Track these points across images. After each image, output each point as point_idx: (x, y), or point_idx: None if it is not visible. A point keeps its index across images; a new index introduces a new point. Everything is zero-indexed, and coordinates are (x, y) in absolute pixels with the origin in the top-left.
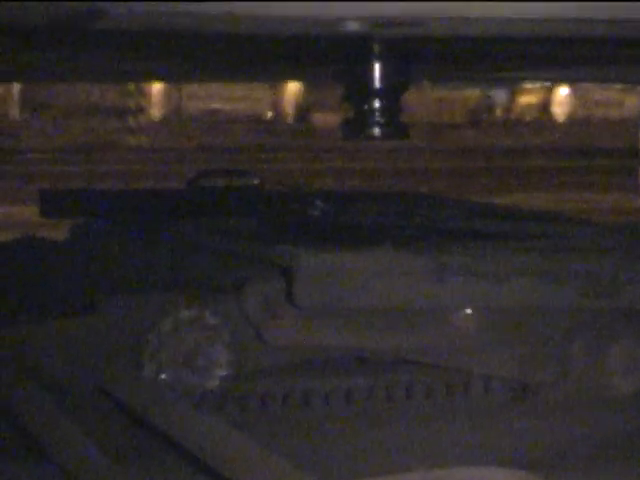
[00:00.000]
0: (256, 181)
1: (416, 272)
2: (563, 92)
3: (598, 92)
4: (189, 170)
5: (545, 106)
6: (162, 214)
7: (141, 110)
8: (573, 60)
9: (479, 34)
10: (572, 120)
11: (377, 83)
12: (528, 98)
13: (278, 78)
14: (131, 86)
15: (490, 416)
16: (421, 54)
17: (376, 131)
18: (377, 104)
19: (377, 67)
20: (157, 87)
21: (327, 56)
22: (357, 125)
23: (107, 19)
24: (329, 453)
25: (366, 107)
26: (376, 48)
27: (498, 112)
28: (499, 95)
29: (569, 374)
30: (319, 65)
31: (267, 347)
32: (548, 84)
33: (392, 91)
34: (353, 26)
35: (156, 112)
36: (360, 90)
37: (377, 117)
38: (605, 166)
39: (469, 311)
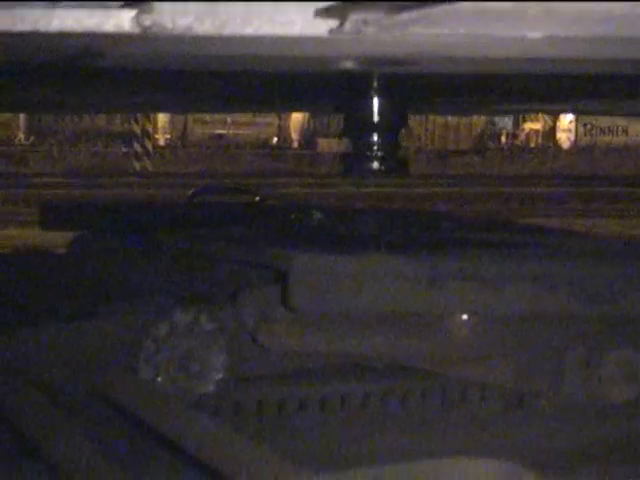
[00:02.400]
0: (257, 198)
1: (410, 276)
2: (568, 119)
3: (602, 119)
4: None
5: (550, 133)
6: (161, 227)
7: (147, 135)
8: (575, 94)
9: (478, 71)
10: (577, 147)
11: (376, 118)
12: (533, 125)
13: (281, 110)
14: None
15: (484, 424)
16: (420, 90)
17: (375, 166)
18: (376, 139)
19: (376, 102)
20: (163, 113)
21: (327, 92)
22: (357, 160)
23: (106, 59)
24: (324, 459)
25: (365, 142)
26: (375, 84)
27: (503, 139)
28: (503, 122)
29: (564, 383)
30: (320, 100)
31: (263, 353)
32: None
33: (391, 126)
34: (349, 65)
35: (161, 137)
36: (359, 125)
37: (376, 152)
38: (609, 192)
39: (464, 317)
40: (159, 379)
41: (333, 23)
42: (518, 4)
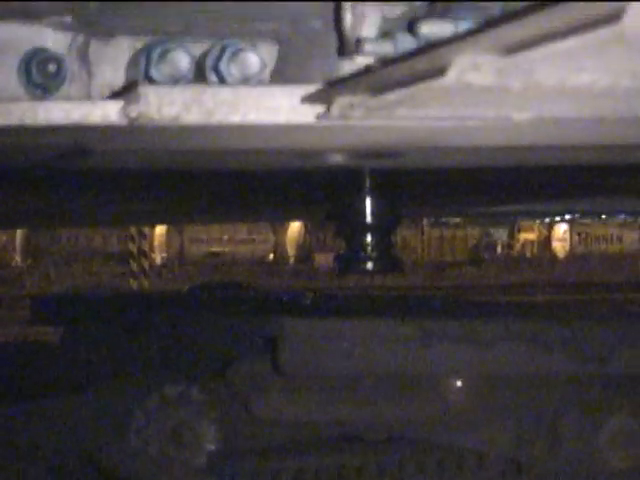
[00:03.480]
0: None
1: (401, 338)
2: (562, 228)
3: (597, 228)
4: None
5: (545, 242)
6: (154, 312)
7: (144, 254)
8: (570, 191)
9: (467, 164)
10: (573, 255)
11: (368, 218)
12: (528, 235)
13: (274, 218)
14: (133, 230)
15: None
16: (412, 188)
17: (369, 265)
18: (370, 239)
19: (368, 203)
20: (159, 231)
21: (318, 194)
22: (351, 260)
23: (94, 156)
24: None
25: (359, 242)
26: (366, 182)
27: (499, 249)
28: (499, 233)
29: (561, 449)
30: (312, 204)
31: (256, 424)
32: (547, 221)
33: (384, 225)
34: (338, 158)
35: (158, 256)
36: (352, 225)
37: (370, 251)
38: (606, 299)
39: (459, 383)
40: (150, 451)
41: (320, 108)
42: (502, 77)
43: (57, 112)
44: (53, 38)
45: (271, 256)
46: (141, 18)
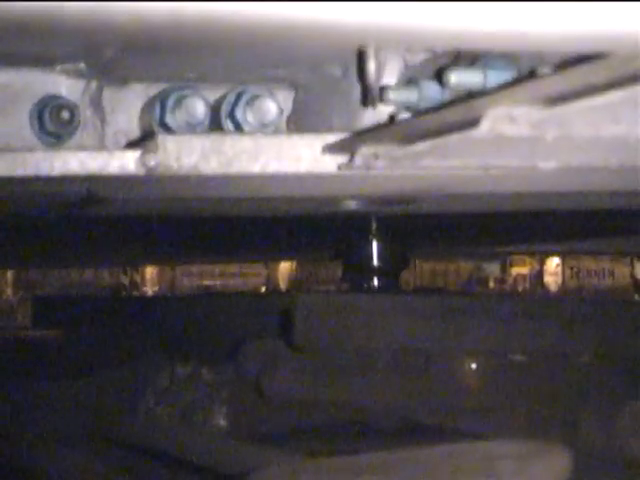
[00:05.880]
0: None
1: (419, 312)
2: (555, 262)
3: (589, 262)
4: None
5: (537, 277)
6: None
7: (135, 288)
8: (566, 233)
9: (480, 209)
10: (564, 290)
11: (376, 262)
12: (520, 269)
13: (278, 259)
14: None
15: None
16: (420, 231)
17: None
18: (377, 283)
19: (375, 246)
20: (150, 265)
21: (325, 237)
22: None
23: (109, 204)
24: None
25: (365, 285)
26: (374, 226)
27: (491, 283)
28: (491, 267)
29: (579, 435)
30: (318, 247)
31: (266, 405)
32: (539, 256)
33: (392, 269)
34: (353, 204)
35: (149, 289)
36: (359, 269)
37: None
38: None
39: (474, 365)
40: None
41: (342, 158)
42: (536, 129)
43: (73, 162)
44: (66, 85)
45: (263, 289)
46: (156, 65)
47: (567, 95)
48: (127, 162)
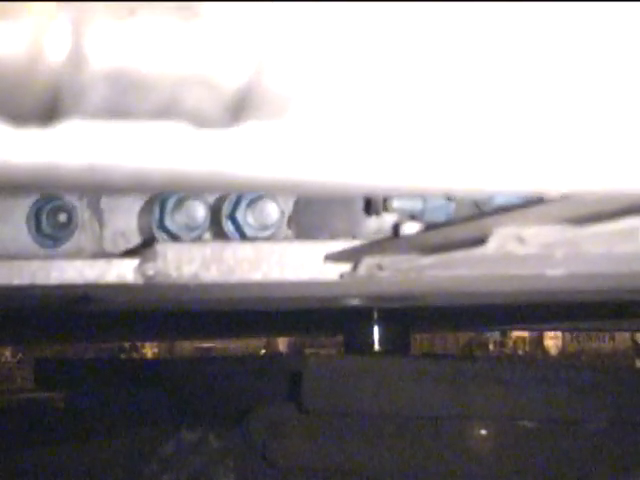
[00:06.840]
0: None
1: (429, 377)
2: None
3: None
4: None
5: (538, 340)
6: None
7: (134, 349)
8: (567, 314)
9: (484, 302)
10: (565, 353)
11: (377, 346)
12: (520, 332)
13: (277, 336)
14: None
15: None
16: (422, 316)
17: None
18: None
19: (376, 330)
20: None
21: (326, 324)
22: None
23: (100, 305)
24: None
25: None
26: (375, 315)
27: (491, 347)
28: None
29: None
30: (315, 326)
31: (273, 471)
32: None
33: (394, 351)
34: (353, 302)
35: (149, 350)
36: (361, 352)
37: None
38: None
39: (483, 432)
40: None
41: (345, 266)
42: (545, 248)
43: (70, 271)
44: None
45: (262, 352)
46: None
47: (578, 220)
48: (125, 271)
